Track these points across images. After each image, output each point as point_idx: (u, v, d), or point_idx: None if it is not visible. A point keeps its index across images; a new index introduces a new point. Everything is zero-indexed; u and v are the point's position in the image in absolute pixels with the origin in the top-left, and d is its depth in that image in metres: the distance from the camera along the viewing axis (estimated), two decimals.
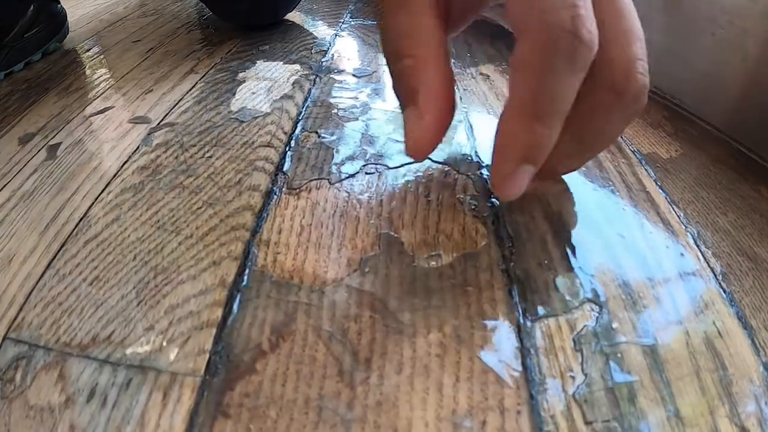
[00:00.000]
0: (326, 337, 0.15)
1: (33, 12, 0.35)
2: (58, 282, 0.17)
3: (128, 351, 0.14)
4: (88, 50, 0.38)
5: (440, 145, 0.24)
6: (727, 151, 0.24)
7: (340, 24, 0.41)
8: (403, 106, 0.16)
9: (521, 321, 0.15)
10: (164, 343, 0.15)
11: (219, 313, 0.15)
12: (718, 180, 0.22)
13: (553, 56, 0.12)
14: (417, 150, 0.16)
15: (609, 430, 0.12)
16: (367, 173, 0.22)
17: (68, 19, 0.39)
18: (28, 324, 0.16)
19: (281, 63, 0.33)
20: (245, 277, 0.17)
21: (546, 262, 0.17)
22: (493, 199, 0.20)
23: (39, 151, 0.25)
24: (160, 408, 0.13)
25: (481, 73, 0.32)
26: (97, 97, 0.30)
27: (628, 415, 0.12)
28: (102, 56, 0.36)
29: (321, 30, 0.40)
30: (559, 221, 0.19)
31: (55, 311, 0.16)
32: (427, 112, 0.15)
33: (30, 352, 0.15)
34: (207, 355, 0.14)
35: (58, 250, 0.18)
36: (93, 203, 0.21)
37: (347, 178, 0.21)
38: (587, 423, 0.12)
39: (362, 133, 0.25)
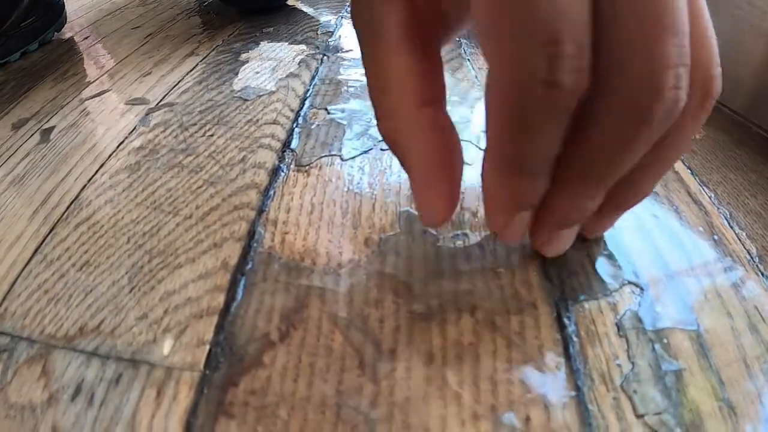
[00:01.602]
0: (344, 325, 0.13)
1: (29, 1, 0.34)
2: (46, 268, 0.15)
3: (119, 342, 0.13)
4: (86, 38, 0.37)
5: (459, 123, 0.23)
6: (748, 134, 0.23)
7: (345, 7, 0.39)
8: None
9: (560, 305, 0.13)
10: (159, 334, 0.13)
11: (221, 299, 0.14)
12: (743, 162, 0.21)
13: (526, 112, 0.09)
14: (429, 223, 0.13)
15: (662, 423, 0.11)
16: (382, 149, 0.20)
17: (66, 9, 0.38)
18: (11, 314, 0.14)
19: (286, 44, 0.32)
20: (250, 260, 0.15)
21: (581, 241, 0.15)
22: None
23: (32, 135, 0.23)
24: (153, 407, 0.11)
25: None
26: (94, 81, 0.29)
27: (680, 406, 0.11)
28: (100, 43, 0.35)
29: (325, 13, 0.38)
30: None
31: (41, 299, 0.14)
32: (424, 188, 0.12)
33: (12, 344, 0.13)
34: (207, 347, 0.13)
35: (47, 234, 0.17)
36: (86, 185, 0.19)
37: (361, 154, 0.20)
38: (638, 416, 0.11)
39: None
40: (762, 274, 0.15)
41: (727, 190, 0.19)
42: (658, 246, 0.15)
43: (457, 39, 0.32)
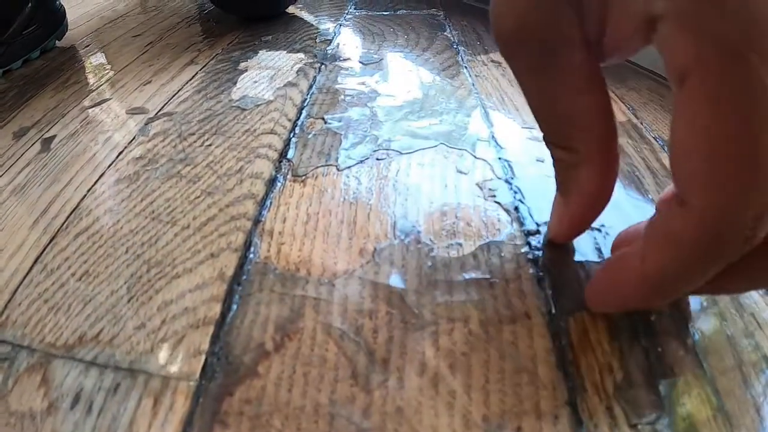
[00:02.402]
0: (337, 335, 0.13)
1: (31, 9, 0.35)
2: (46, 277, 0.16)
3: (117, 352, 0.13)
4: (87, 46, 0.37)
5: (455, 131, 0.23)
6: None
7: (344, 15, 0.40)
8: (556, 186, 0.14)
9: (554, 315, 0.13)
10: (156, 344, 0.13)
11: (217, 309, 0.14)
12: None
13: (711, 249, 0.09)
14: (555, 239, 0.15)
15: None
16: (378, 159, 0.20)
17: (68, 17, 0.38)
18: (12, 323, 0.14)
19: (285, 52, 0.32)
20: (246, 270, 0.15)
21: (575, 250, 0.15)
22: (515, 185, 0.18)
23: (33, 144, 0.24)
24: (150, 416, 0.11)
25: (492, 60, 0.30)
26: (94, 90, 0.29)
27: (674, 415, 0.11)
28: (101, 51, 0.36)
29: (324, 21, 0.39)
30: None
31: (41, 309, 0.15)
32: (573, 211, 0.14)
33: (13, 353, 0.13)
34: (203, 357, 0.13)
35: (48, 244, 0.17)
36: (85, 195, 0.19)
37: (357, 164, 0.20)
38: (631, 426, 0.11)
39: (371, 119, 0.23)
40: None
41: None
42: None
43: (455, 47, 0.32)
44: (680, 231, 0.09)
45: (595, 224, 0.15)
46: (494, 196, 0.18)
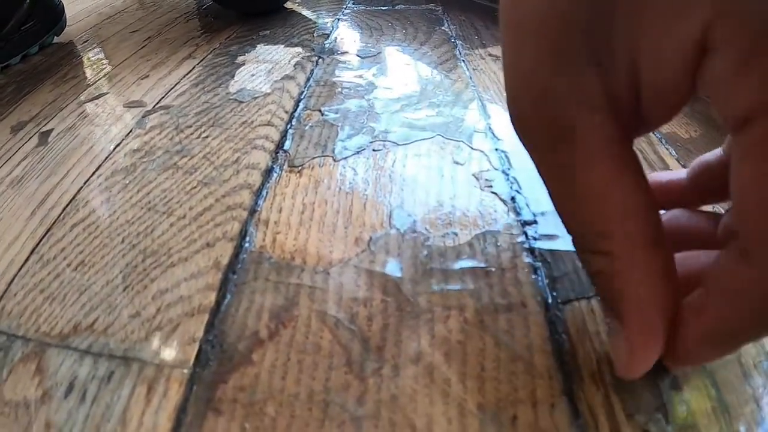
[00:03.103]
0: (332, 323, 0.13)
1: (29, 5, 0.35)
2: (42, 268, 0.16)
3: (111, 340, 0.13)
4: (86, 41, 0.37)
5: (452, 123, 0.23)
6: None
7: (342, 10, 0.40)
8: (603, 308, 0.12)
9: (550, 304, 0.13)
10: (151, 332, 0.13)
11: (212, 297, 0.14)
12: None
13: None
14: (625, 373, 0.11)
15: (654, 423, 0.11)
16: (374, 150, 0.20)
17: (66, 13, 0.38)
18: (7, 313, 0.14)
19: (282, 46, 0.32)
20: (241, 259, 0.15)
21: (572, 240, 0.15)
22: (512, 176, 0.18)
23: (31, 138, 0.24)
24: (143, 404, 0.11)
25: (490, 54, 0.30)
26: (92, 84, 0.29)
27: (672, 406, 0.11)
28: (99, 46, 0.36)
29: (323, 16, 0.39)
30: None
31: (37, 299, 0.15)
32: (632, 332, 0.10)
33: (8, 343, 0.13)
34: (197, 345, 0.13)
35: (44, 235, 0.17)
36: (82, 187, 0.19)
37: (353, 155, 0.20)
38: (629, 415, 0.11)
39: (368, 111, 0.23)
40: None
41: None
42: None
43: (452, 41, 0.32)
44: (744, 287, 0.08)
45: None
46: (491, 186, 0.18)
